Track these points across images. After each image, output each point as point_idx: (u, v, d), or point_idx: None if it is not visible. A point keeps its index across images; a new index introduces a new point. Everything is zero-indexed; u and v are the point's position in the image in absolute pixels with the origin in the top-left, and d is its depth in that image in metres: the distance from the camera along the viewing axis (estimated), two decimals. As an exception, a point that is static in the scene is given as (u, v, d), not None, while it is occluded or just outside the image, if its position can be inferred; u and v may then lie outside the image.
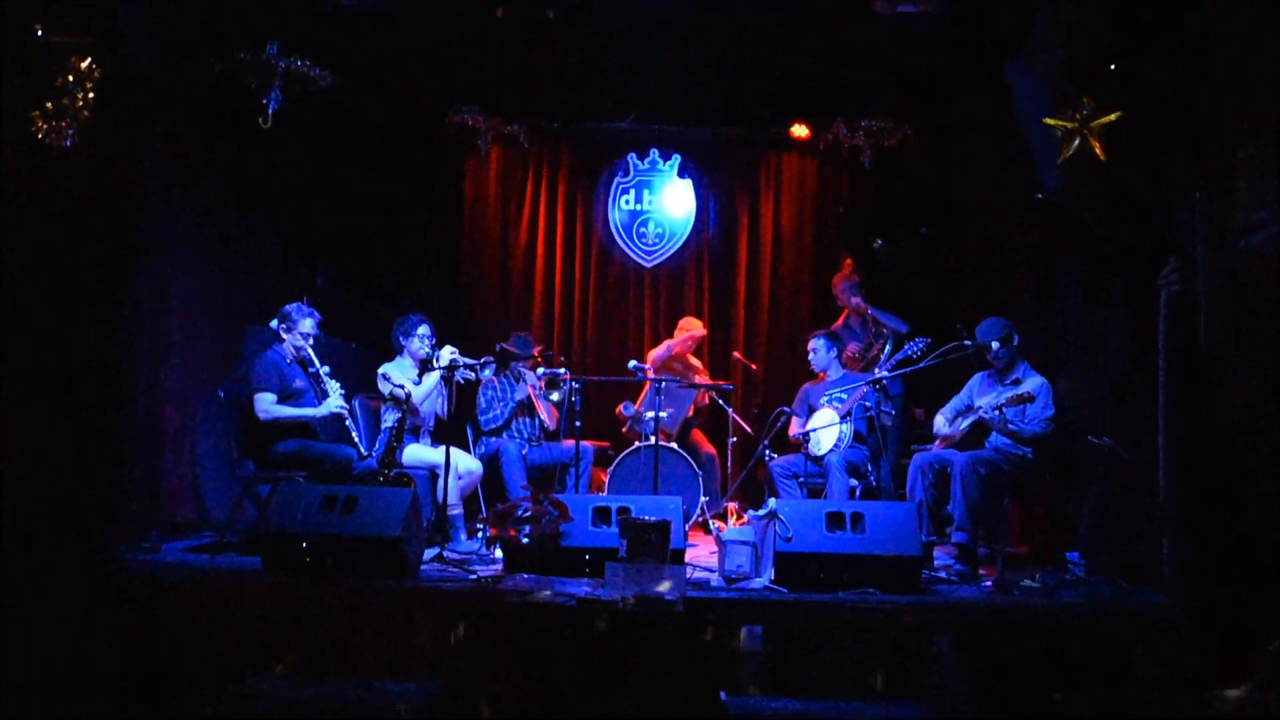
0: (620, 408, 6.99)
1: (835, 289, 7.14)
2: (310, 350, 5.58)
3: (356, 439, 5.53)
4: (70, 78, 4.15)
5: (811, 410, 6.26)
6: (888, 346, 6.65)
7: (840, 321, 7.08)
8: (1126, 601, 4.47)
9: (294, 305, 5.65)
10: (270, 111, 5.69)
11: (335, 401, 5.47)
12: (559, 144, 8.00)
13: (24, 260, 4.34)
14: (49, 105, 4.17)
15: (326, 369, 5.58)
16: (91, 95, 4.19)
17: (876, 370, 5.93)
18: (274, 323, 5.64)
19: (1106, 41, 4.70)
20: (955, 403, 5.66)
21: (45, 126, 4.15)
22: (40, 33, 4.16)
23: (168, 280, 5.59)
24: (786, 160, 7.92)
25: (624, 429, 6.99)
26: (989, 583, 4.90)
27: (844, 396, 6.04)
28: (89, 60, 4.21)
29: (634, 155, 7.99)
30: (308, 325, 5.59)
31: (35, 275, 4.39)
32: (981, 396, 5.49)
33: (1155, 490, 4.54)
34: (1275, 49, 3.98)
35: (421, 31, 6.34)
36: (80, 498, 4.61)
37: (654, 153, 7.98)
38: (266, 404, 5.34)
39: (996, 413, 5.21)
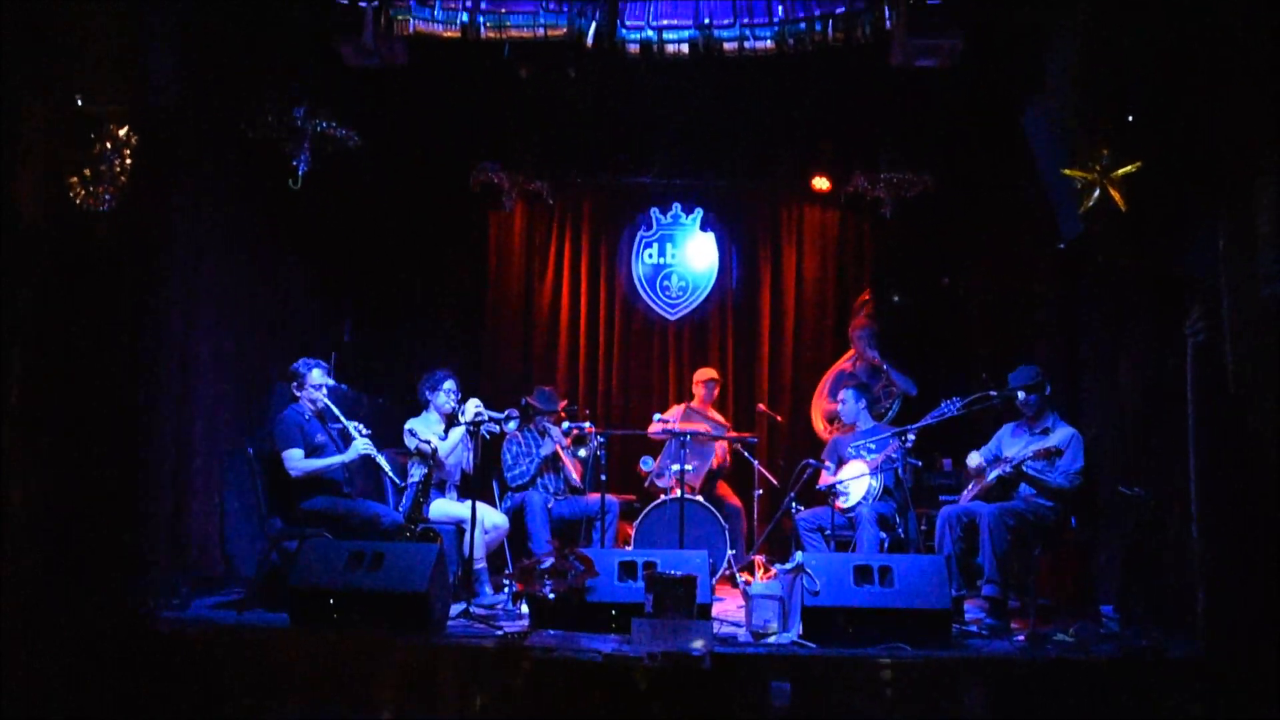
0: (640, 463, 6.98)
1: (852, 334, 7.21)
2: (327, 400, 5.54)
3: (391, 473, 5.52)
4: (109, 144, 4.27)
5: (841, 461, 6.24)
6: (895, 406, 6.69)
7: (846, 360, 7.13)
8: (1163, 654, 4.38)
9: (300, 361, 5.60)
10: (300, 173, 5.80)
11: (362, 443, 5.44)
12: (582, 199, 8.11)
13: (52, 316, 4.41)
14: (87, 172, 4.28)
15: (344, 419, 5.52)
16: (129, 161, 4.30)
17: (908, 428, 5.89)
18: (291, 384, 5.62)
19: (1118, 87, 4.71)
20: (984, 453, 5.62)
21: (83, 192, 4.26)
22: (80, 102, 4.29)
23: (195, 336, 5.63)
24: (808, 212, 7.98)
25: (645, 484, 6.98)
26: (1021, 636, 4.82)
27: (873, 447, 6.01)
28: (126, 128, 4.33)
29: (656, 209, 8.07)
30: (317, 376, 5.54)
31: (63, 330, 4.45)
32: (1010, 446, 5.45)
33: (1188, 540, 4.48)
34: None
35: (445, 91, 6.48)
36: (108, 552, 4.63)
37: (676, 206, 8.07)
38: (295, 460, 5.34)
39: (1014, 470, 5.20)
